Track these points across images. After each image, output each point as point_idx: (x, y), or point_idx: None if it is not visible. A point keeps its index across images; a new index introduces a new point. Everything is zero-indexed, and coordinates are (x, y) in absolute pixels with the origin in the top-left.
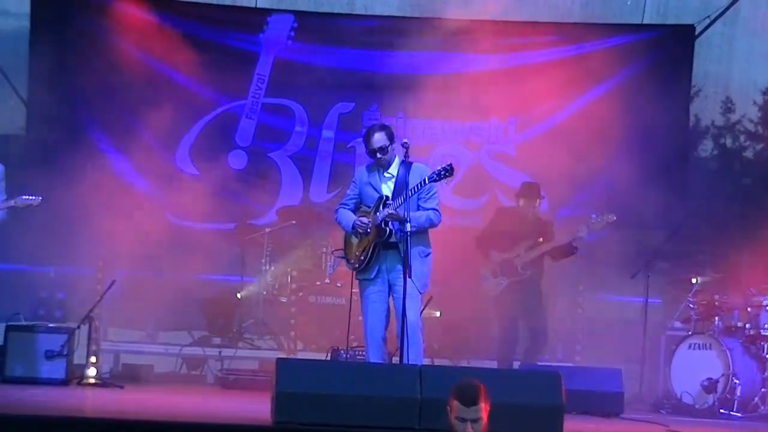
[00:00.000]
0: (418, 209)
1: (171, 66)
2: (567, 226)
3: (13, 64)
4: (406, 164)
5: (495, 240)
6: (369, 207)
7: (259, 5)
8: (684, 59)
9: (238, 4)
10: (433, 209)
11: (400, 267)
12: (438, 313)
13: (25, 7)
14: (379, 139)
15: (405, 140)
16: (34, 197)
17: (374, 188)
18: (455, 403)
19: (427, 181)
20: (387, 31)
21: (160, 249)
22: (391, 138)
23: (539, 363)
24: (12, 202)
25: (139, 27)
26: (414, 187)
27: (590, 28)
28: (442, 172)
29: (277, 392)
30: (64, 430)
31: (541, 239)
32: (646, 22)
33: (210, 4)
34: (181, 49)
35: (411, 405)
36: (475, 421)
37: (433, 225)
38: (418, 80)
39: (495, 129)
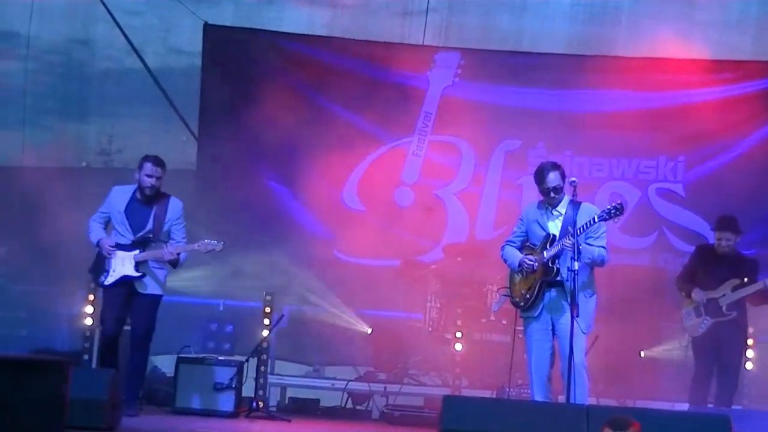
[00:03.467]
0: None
1: (339, 103)
2: None
3: (184, 100)
4: (574, 203)
5: (697, 278)
6: (535, 245)
7: (426, 43)
8: None
9: (406, 41)
10: (603, 247)
11: (564, 306)
12: None
13: (197, 45)
14: (554, 178)
15: (573, 179)
16: (216, 242)
17: (541, 226)
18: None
19: (596, 219)
20: (554, 68)
21: (327, 284)
22: (563, 176)
23: (734, 407)
24: (195, 246)
25: (308, 65)
26: (583, 225)
27: (762, 66)
28: (612, 211)
29: (443, 429)
30: None
31: (746, 279)
32: None
33: (377, 42)
34: (349, 86)
35: None
36: None
37: (601, 262)
38: (585, 118)
39: (664, 167)
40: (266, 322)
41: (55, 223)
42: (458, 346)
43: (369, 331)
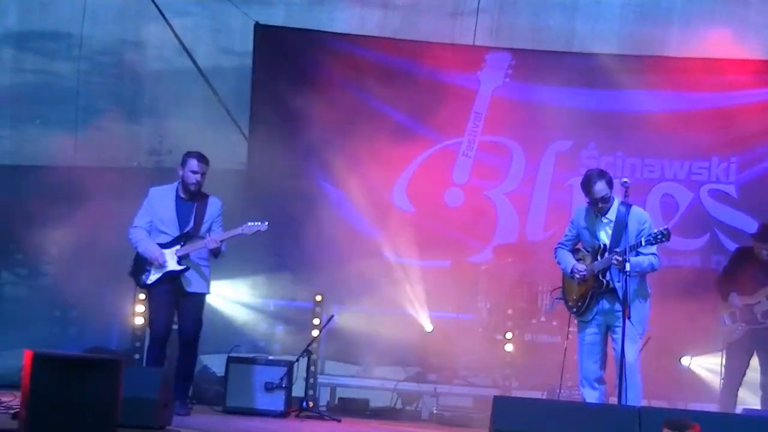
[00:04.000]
0: (637, 255)
1: (389, 104)
2: None
3: (235, 101)
4: (625, 206)
5: (735, 282)
6: (587, 251)
7: (476, 43)
8: None
9: (456, 42)
10: (653, 254)
11: (617, 309)
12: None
13: (248, 45)
14: (600, 189)
15: (625, 179)
16: (260, 223)
17: (591, 233)
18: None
19: (643, 243)
20: (606, 69)
21: (377, 285)
22: (610, 184)
23: None
24: (239, 230)
25: (358, 65)
26: (631, 246)
27: None
28: (659, 236)
29: (495, 430)
30: None
31: None
32: None
33: (428, 43)
34: (399, 86)
35: None
36: None
37: (651, 270)
38: (636, 119)
39: (716, 168)
40: (316, 322)
41: (106, 223)
42: (509, 347)
43: (430, 329)
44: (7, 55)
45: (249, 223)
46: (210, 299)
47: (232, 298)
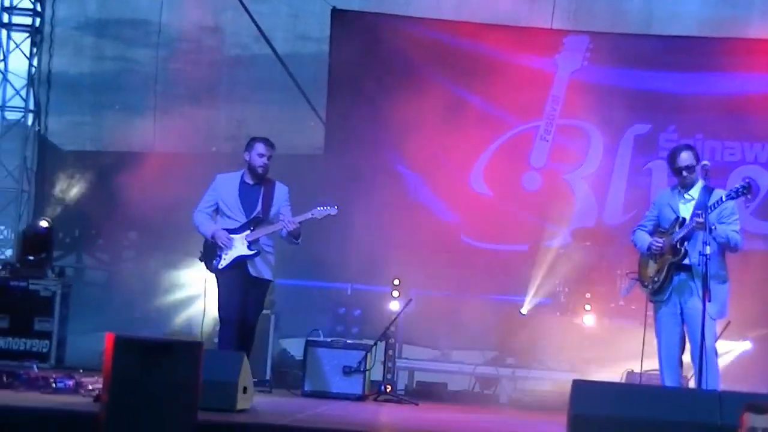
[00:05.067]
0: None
1: (466, 87)
2: None
3: (313, 86)
4: (707, 189)
5: None
6: (666, 229)
7: (554, 26)
8: None
9: (534, 25)
10: (736, 232)
11: (692, 290)
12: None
13: (325, 31)
14: (686, 158)
15: (705, 162)
16: (330, 207)
17: (672, 209)
18: (746, 415)
19: (724, 198)
20: (685, 51)
21: (454, 269)
22: (697, 158)
23: None
24: (310, 214)
25: (435, 49)
26: (714, 204)
27: None
28: (741, 190)
29: (574, 414)
30: None
31: None
32: None
33: (505, 26)
34: (477, 70)
35: (710, 431)
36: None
37: (735, 246)
38: (716, 101)
39: None
40: (394, 306)
41: (185, 208)
42: (587, 331)
43: (525, 311)
44: (88, 43)
45: (319, 207)
46: (288, 283)
47: (309, 282)
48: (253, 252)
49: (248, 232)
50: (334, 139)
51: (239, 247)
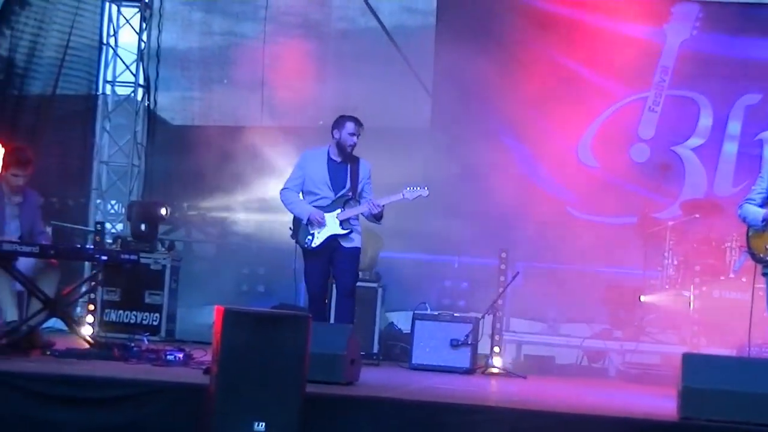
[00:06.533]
0: None
1: (574, 58)
2: None
3: (419, 59)
4: None
5: None
6: None
7: None
8: None
9: None
10: None
11: None
12: None
13: (432, 4)
14: None
15: None
16: (421, 188)
17: None
18: None
19: None
20: None
21: (561, 241)
22: None
23: None
24: (401, 195)
25: (543, 20)
26: None
27: None
28: None
29: (684, 387)
30: (469, 417)
31: None
32: None
33: None
34: (584, 41)
35: None
36: None
37: None
38: None
39: None
40: (501, 279)
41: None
42: (696, 304)
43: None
44: (197, 18)
45: (409, 188)
46: (395, 256)
47: (416, 255)
48: (345, 231)
49: (339, 211)
50: (440, 111)
51: (332, 225)
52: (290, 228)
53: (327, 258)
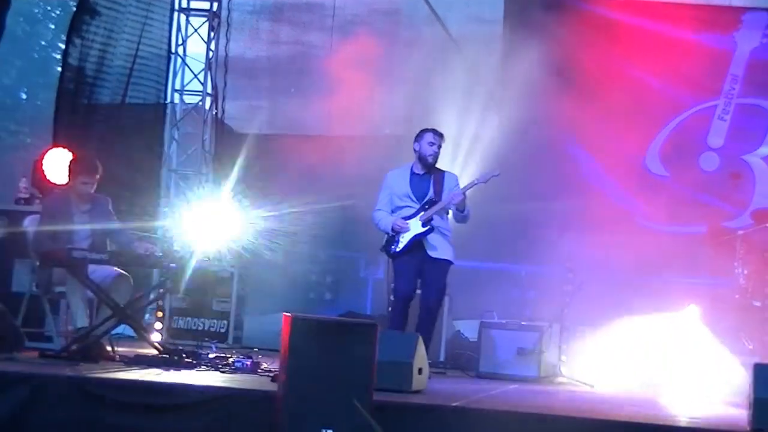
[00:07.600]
0: None
1: (642, 67)
2: None
3: (486, 67)
4: None
5: None
6: None
7: (733, 4)
8: None
9: (712, 3)
10: None
11: None
12: None
13: (499, 12)
14: None
15: None
16: (491, 170)
17: None
18: None
19: None
20: None
21: (628, 250)
22: None
23: None
24: (476, 181)
25: (610, 28)
26: None
27: None
28: None
29: (756, 398)
30: (538, 427)
31: None
32: None
33: (683, 4)
34: (653, 50)
35: None
36: None
37: None
38: None
39: None
40: (567, 288)
41: (359, 191)
42: (767, 314)
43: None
44: (264, 27)
45: (479, 175)
46: (462, 265)
47: (483, 263)
48: (426, 229)
49: (422, 213)
50: (506, 121)
51: (415, 227)
52: (382, 245)
53: (416, 263)
